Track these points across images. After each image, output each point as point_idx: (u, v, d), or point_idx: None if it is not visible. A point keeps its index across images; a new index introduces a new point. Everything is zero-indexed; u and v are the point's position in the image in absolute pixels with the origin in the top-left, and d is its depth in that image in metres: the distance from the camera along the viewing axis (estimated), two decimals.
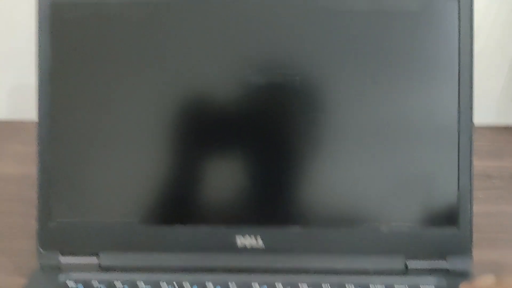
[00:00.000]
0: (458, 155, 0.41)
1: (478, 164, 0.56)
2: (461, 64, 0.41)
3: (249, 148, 0.42)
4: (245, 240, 0.42)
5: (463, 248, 0.41)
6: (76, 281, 0.41)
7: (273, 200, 0.42)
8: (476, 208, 0.44)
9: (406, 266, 0.41)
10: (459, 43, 0.41)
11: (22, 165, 0.57)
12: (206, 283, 0.40)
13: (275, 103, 0.42)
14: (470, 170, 0.41)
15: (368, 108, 0.41)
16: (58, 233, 0.42)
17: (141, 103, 0.42)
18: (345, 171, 0.42)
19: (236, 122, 0.42)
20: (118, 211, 0.43)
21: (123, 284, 0.41)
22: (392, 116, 0.41)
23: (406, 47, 0.41)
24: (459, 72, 0.41)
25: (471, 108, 0.41)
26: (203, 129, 0.42)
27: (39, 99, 0.43)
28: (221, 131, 0.42)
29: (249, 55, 0.42)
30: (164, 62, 0.42)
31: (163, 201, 0.43)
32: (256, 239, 0.42)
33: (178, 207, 0.43)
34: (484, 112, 0.65)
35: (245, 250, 0.42)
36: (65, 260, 0.42)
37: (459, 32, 0.41)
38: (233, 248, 0.42)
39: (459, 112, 0.41)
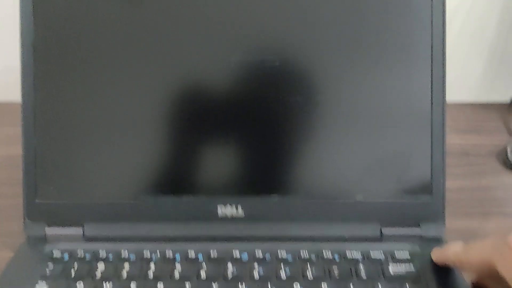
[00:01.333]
0: (431, 127, 0.42)
1: (457, 142, 0.58)
2: (434, 44, 0.42)
3: (230, 123, 0.43)
4: (226, 210, 0.43)
5: (436, 215, 0.42)
6: (61, 251, 0.42)
7: (253, 171, 0.43)
8: (453, 183, 0.46)
9: (381, 233, 0.42)
10: (431, 23, 0.42)
11: (11, 146, 0.58)
12: (189, 251, 0.41)
13: (254, 83, 0.42)
14: (443, 140, 0.42)
15: (344, 88, 0.42)
16: (44, 205, 0.43)
17: (123, 82, 0.43)
18: (323, 145, 0.43)
19: (216, 99, 0.43)
20: (102, 183, 0.43)
21: (107, 253, 0.41)
22: (367, 95, 0.42)
23: (379, 29, 0.42)
24: (432, 52, 0.42)
25: (443, 84, 0.42)
26: (183, 106, 0.43)
27: (22, 78, 0.42)
28: (201, 107, 0.43)
29: (232, 37, 0.42)
30: (149, 42, 0.42)
31: (146, 173, 0.43)
32: (237, 209, 0.43)
33: (161, 179, 0.43)
34: (466, 91, 0.67)
35: (226, 219, 0.43)
36: (51, 231, 0.43)
37: (431, 13, 0.42)
38: (214, 217, 0.43)
39: (432, 89, 0.42)
